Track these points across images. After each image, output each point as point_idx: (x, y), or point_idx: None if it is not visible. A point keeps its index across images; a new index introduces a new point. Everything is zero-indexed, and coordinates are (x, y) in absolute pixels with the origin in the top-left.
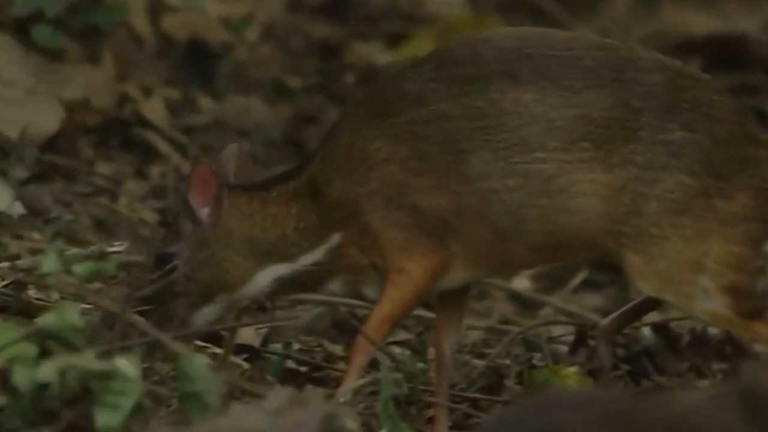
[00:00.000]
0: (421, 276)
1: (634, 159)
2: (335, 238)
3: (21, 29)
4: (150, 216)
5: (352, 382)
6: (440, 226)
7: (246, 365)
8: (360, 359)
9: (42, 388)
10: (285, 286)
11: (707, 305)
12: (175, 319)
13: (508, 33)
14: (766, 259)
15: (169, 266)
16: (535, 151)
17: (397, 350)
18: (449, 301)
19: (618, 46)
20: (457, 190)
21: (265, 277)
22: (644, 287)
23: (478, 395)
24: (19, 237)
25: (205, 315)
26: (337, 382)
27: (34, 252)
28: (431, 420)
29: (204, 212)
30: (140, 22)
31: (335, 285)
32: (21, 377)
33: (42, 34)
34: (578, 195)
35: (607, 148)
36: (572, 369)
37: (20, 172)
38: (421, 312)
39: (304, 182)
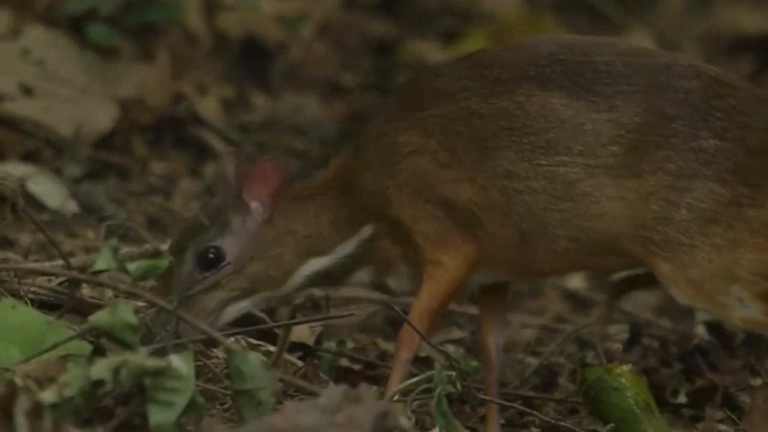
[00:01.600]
0: (456, 267)
1: (665, 166)
2: (366, 230)
3: (75, 27)
4: None
5: (397, 377)
6: (470, 219)
7: (300, 363)
8: (404, 354)
9: (95, 385)
10: (317, 280)
11: (743, 313)
12: (205, 313)
13: (544, 40)
14: None
15: (220, 260)
16: (560, 154)
17: (450, 348)
18: (491, 297)
19: (656, 53)
20: (485, 184)
21: (303, 273)
22: (677, 295)
23: (531, 393)
24: (73, 235)
25: (237, 310)
26: None
27: (88, 250)
28: (484, 418)
29: (255, 208)
30: (195, 20)
31: (363, 276)
32: (74, 375)
33: (96, 32)
34: (603, 199)
35: (638, 153)
36: (625, 367)
37: (74, 171)
38: (474, 310)
39: (332, 175)
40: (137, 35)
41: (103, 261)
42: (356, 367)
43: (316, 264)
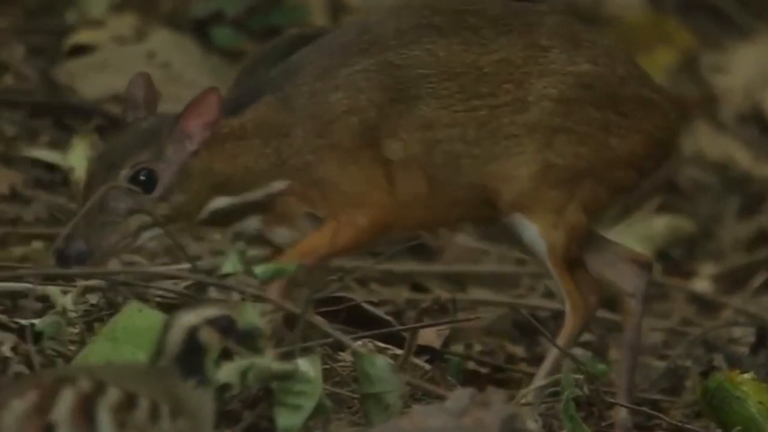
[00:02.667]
0: (366, 231)
1: (548, 93)
2: (278, 185)
3: (200, 30)
4: None
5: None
6: (388, 176)
7: (427, 366)
8: None
9: (223, 389)
10: (212, 219)
11: (554, 236)
12: (125, 234)
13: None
14: None
15: (152, 184)
16: (472, 98)
17: (578, 351)
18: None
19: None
20: (406, 138)
21: (208, 208)
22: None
23: (658, 397)
24: (200, 238)
25: (151, 236)
26: (518, 384)
27: (215, 253)
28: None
29: (189, 138)
30: (320, 22)
31: (251, 224)
32: None
33: (221, 35)
34: (501, 139)
35: (525, 86)
36: (747, 375)
37: None
38: (602, 314)
39: (251, 122)
40: (262, 38)
41: (230, 264)
42: (483, 370)
43: (220, 202)
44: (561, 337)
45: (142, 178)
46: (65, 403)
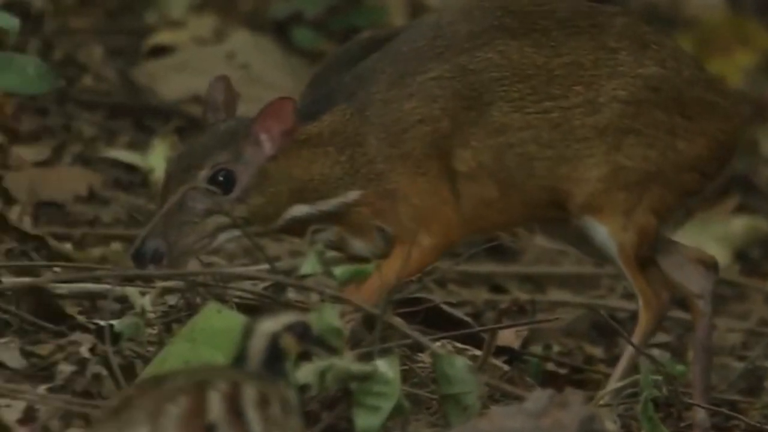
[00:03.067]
0: (436, 248)
1: (617, 95)
2: (352, 195)
3: (280, 31)
4: None
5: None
6: (456, 188)
7: (506, 367)
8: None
9: (301, 389)
10: (290, 227)
11: (622, 237)
12: (202, 235)
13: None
14: None
15: (230, 185)
16: (543, 100)
17: (656, 352)
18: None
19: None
20: (477, 146)
21: (286, 216)
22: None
23: (737, 397)
24: (279, 239)
25: (228, 238)
26: (597, 384)
27: (294, 254)
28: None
29: (265, 142)
30: (399, 23)
31: (326, 234)
32: None
33: (301, 35)
34: (573, 142)
35: (594, 88)
36: None
37: None
38: (679, 314)
39: (328, 129)
40: (342, 38)
41: (309, 265)
42: (562, 371)
43: (297, 211)
44: (635, 335)
45: (220, 178)
46: (216, 404)
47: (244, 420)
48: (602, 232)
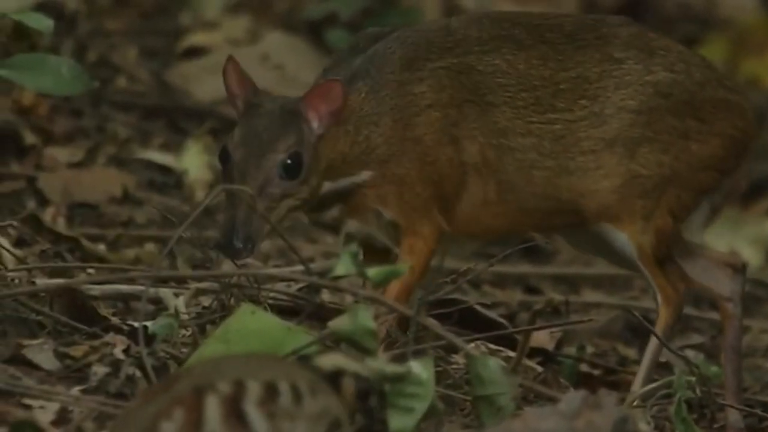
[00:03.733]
0: (434, 237)
1: (626, 104)
2: (364, 175)
3: (314, 32)
4: None
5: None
6: (460, 181)
7: (540, 368)
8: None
9: None
10: (314, 204)
11: (641, 239)
12: (276, 220)
13: (488, 12)
14: None
15: (299, 168)
16: (548, 111)
17: (690, 353)
18: None
19: (583, 15)
20: (483, 142)
21: (318, 195)
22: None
23: None
24: (313, 240)
25: (288, 221)
26: (631, 386)
27: (328, 255)
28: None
29: (316, 122)
30: None
31: (334, 212)
32: None
33: (335, 36)
34: (578, 155)
35: (601, 100)
36: None
37: None
38: (713, 315)
39: (349, 108)
40: None
41: (342, 266)
42: (596, 372)
43: (324, 188)
44: (657, 330)
45: (290, 161)
46: (213, 412)
47: (247, 420)
48: (621, 237)
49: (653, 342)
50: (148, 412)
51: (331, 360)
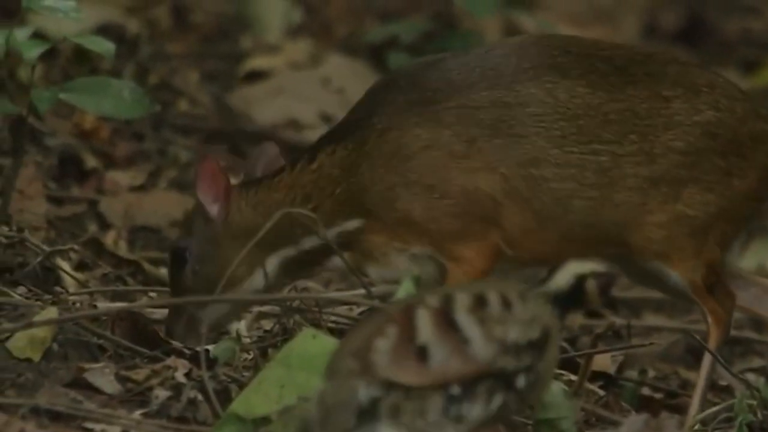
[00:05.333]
0: (482, 260)
1: (674, 145)
2: (354, 223)
3: (376, 56)
4: None
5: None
6: (489, 209)
7: (601, 392)
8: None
9: None
10: (290, 268)
11: (692, 275)
12: (183, 316)
13: (542, 36)
14: None
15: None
16: (592, 142)
17: (751, 377)
18: None
19: (633, 47)
20: (507, 173)
21: (272, 264)
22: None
23: None
24: None
25: (213, 312)
26: None
27: (389, 279)
28: None
29: (213, 208)
30: None
31: (338, 262)
32: None
33: (397, 60)
34: (623, 189)
35: (650, 138)
36: None
37: None
38: None
39: (317, 165)
40: None
41: (404, 290)
42: (658, 395)
43: (284, 253)
44: (709, 347)
45: (178, 255)
46: (424, 324)
47: (458, 328)
48: (673, 275)
49: (707, 363)
50: (362, 333)
51: (566, 273)
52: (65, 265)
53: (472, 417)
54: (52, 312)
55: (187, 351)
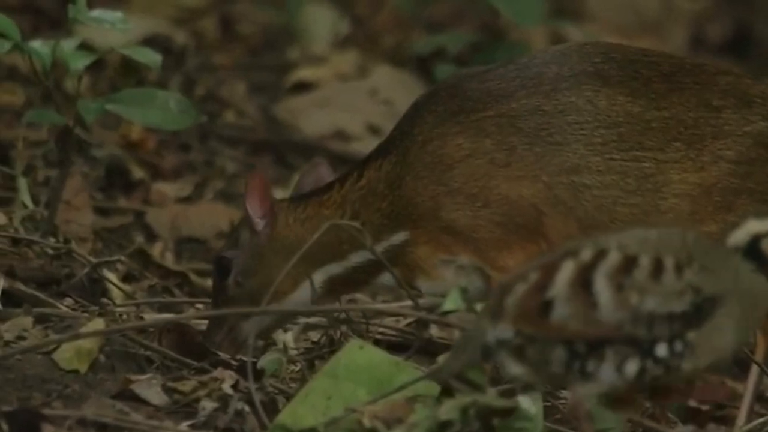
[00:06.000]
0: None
1: (724, 154)
2: (401, 236)
3: (423, 67)
4: None
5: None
6: (532, 217)
7: (648, 403)
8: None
9: (444, 426)
10: (336, 285)
11: None
12: (224, 326)
13: (588, 42)
14: None
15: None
16: (633, 149)
17: None
18: None
19: (684, 57)
20: (548, 181)
21: (318, 279)
22: None
23: None
24: None
25: (256, 323)
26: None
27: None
28: None
29: (260, 222)
30: None
31: (388, 278)
32: (423, 416)
33: (444, 72)
34: (670, 196)
35: (697, 147)
36: None
37: None
38: None
39: (365, 181)
40: None
41: (451, 301)
42: (704, 407)
43: (331, 269)
44: (757, 358)
45: (222, 265)
46: (564, 276)
47: (591, 288)
48: None
49: (754, 374)
50: (519, 272)
51: (744, 231)
52: (112, 276)
53: (603, 378)
54: (98, 323)
55: (234, 362)
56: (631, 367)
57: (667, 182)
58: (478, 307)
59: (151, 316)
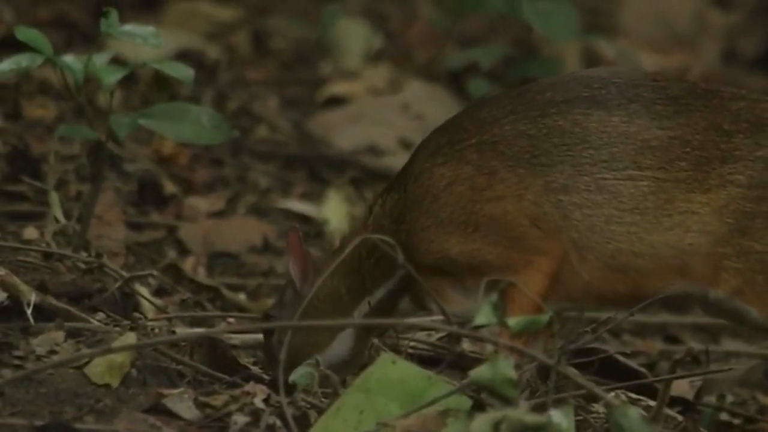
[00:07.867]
0: (536, 283)
1: (734, 179)
2: (410, 270)
3: (455, 82)
4: None
5: None
6: (526, 233)
7: (680, 418)
8: None
9: None
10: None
11: None
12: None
13: (595, 68)
14: None
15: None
16: (629, 168)
17: None
18: None
19: (697, 83)
20: (534, 199)
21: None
22: (749, 307)
23: None
24: None
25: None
26: None
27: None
28: None
29: (299, 280)
30: None
31: (406, 304)
32: (455, 430)
33: (477, 86)
34: (674, 213)
35: (704, 169)
36: None
37: None
38: None
39: (372, 220)
40: None
41: (483, 316)
42: (736, 421)
43: (362, 308)
44: None
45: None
46: None
47: None
48: (752, 311)
49: None
50: None
51: None
52: (144, 290)
53: None
54: (130, 337)
55: (266, 377)
56: None
57: (671, 200)
58: (510, 321)
59: (182, 330)
